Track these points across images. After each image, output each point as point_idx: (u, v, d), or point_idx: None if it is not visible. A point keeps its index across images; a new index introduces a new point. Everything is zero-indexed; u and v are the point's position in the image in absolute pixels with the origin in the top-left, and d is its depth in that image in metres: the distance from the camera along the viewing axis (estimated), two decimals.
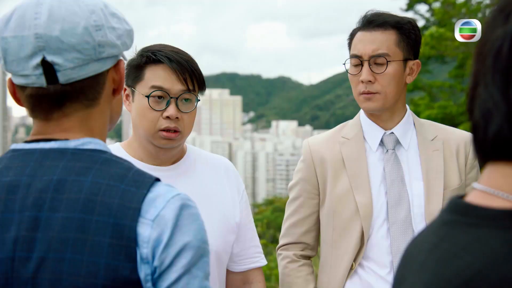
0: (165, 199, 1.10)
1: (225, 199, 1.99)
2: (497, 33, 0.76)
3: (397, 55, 2.06)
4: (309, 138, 2.28)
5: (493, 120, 0.75)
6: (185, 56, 1.88)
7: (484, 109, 0.76)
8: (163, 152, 1.91)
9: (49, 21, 1.11)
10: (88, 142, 1.16)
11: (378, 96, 2.06)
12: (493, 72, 0.75)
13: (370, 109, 2.09)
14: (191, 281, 1.10)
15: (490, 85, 0.75)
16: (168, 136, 1.84)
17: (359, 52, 2.06)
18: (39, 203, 1.09)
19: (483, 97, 0.76)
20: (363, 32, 2.08)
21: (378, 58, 2.04)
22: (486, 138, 0.77)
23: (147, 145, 1.90)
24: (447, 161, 2.09)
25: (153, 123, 1.84)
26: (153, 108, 1.84)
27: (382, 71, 2.04)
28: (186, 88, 1.85)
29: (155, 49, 1.88)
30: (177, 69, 1.84)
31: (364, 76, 2.05)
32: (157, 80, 1.84)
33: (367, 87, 2.05)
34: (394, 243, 2.04)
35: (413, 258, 0.84)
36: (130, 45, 1.22)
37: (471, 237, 0.75)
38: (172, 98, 1.84)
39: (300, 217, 2.21)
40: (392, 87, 2.06)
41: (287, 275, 2.20)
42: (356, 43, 2.09)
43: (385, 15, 2.09)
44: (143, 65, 1.86)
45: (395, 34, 2.05)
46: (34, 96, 1.14)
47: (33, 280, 1.07)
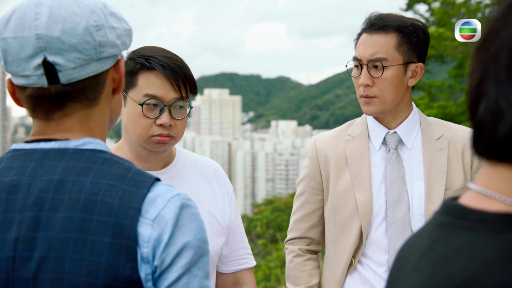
0: (165, 198, 1.11)
1: (215, 201, 1.99)
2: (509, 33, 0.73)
3: (396, 59, 2.05)
4: (317, 134, 2.31)
5: (505, 120, 0.72)
6: (178, 62, 1.86)
7: (494, 108, 0.73)
8: (155, 155, 1.90)
9: (49, 21, 1.11)
10: (88, 142, 1.16)
11: (376, 100, 2.07)
12: (509, 70, 0.72)
13: (369, 112, 2.10)
14: (191, 280, 1.10)
15: (505, 84, 0.72)
16: (161, 140, 1.84)
17: (359, 55, 2.08)
18: (40, 203, 1.09)
19: (494, 96, 0.73)
20: (365, 35, 2.08)
21: (376, 62, 2.05)
22: (495, 138, 0.74)
23: (138, 148, 1.89)
24: (451, 160, 2.09)
25: (146, 130, 1.84)
26: (147, 115, 1.83)
27: (379, 75, 2.05)
28: (179, 95, 1.84)
29: (147, 54, 1.85)
30: (170, 77, 1.82)
31: (362, 80, 2.06)
32: (151, 88, 1.82)
33: (365, 90, 2.07)
34: (391, 243, 2.05)
35: (406, 260, 0.83)
36: (130, 44, 1.23)
37: (465, 241, 0.74)
38: (165, 106, 1.83)
39: (305, 213, 2.25)
40: (390, 91, 2.06)
41: (292, 269, 2.25)
42: (358, 45, 2.10)
43: (388, 17, 2.08)
44: (136, 71, 1.84)
45: (395, 37, 2.04)
46: (35, 96, 1.14)
47: (34, 279, 1.07)
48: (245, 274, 2.11)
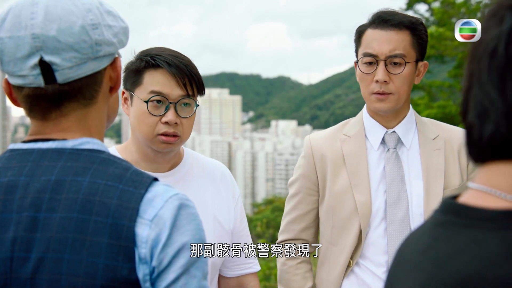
0: (163, 199, 1.10)
1: (220, 205, 1.98)
2: (492, 34, 0.76)
3: (412, 56, 2.05)
4: (311, 134, 2.27)
5: (490, 119, 0.74)
6: (184, 60, 1.86)
7: (480, 109, 0.76)
8: (161, 155, 1.89)
9: (45, 20, 1.10)
10: (86, 142, 1.16)
11: (392, 97, 2.05)
12: (489, 71, 0.75)
13: (382, 109, 2.07)
14: (190, 281, 1.10)
15: (486, 84, 0.75)
16: (167, 140, 1.83)
17: (374, 51, 2.04)
18: (37, 203, 1.09)
19: (479, 97, 0.76)
20: (377, 31, 2.05)
21: (395, 58, 2.02)
22: (482, 138, 0.76)
23: (145, 149, 1.89)
24: (448, 160, 2.09)
25: (152, 128, 1.83)
26: (152, 113, 1.82)
27: (399, 72, 2.03)
28: (185, 93, 1.84)
29: (153, 53, 1.86)
30: (176, 74, 1.82)
31: (380, 76, 2.02)
32: (156, 85, 1.82)
33: (382, 87, 2.04)
34: (390, 243, 2.04)
35: (406, 258, 0.84)
36: (126, 42, 1.22)
37: (467, 238, 0.75)
38: (171, 103, 1.82)
39: (299, 213, 2.21)
40: (405, 88, 2.05)
41: (285, 272, 2.21)
42: (369, 41, 2.06)
43: (400, 14, 2.07)
44: (142, 69, 1.84)
45: (409, 34, 2.04)
46: (32, 96, 1.13)
47: (32, 280, 1.07)
48: (249, 278, 2.09)
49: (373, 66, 2.05)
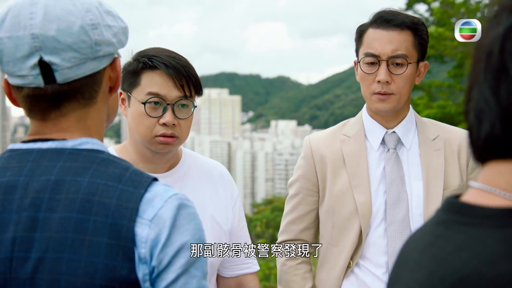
0: (162, 199, 1.10)
1: (219, 205, 1.98)
2: (490, 36, 0.78)
3: (413, 56, 2.05)
4: (310, 134, 2.27)
5: (486, 119, 0.76)
6: (181, 61, 1.85)
7: (477, 110, 0.77)
8: (159, 156, 1.89)
9: (44, 20, 1.10)
10: (86, 142, 1.16)
11: (393, 97, 2.04)
12: (485, 72, 0.77)
13: (383, 110, 2.07)
14: (189, 280, 1.10)
15: (482, 85, 0.76)
16: (165, 141, 1.83)
17: (376, 51, 2.03)
18: (37, 203, 1.09)
19: (477, 98, 0.77)
20: (378, 30, 2.04)
21: (397, 58, 2.02)
22: (480, 138, 0.77)
23: (143, 149, 1.89)
24: (448, 161, 2.08)
25: (150, 129, 1.83)
26: (150, 114, 1.82)
27: (401, 72, 2.02)
28: (183, 94, 1.83)
29: (151, 54, 1.85)
30: (173, 75, 1.82)
31: (382, 76, 2.02)
32: (154, 87, 1.82)
33: (384, 87, 2.03)
34: (390, 244, 2.03)
35: (408, 257, 0.85)
36: (125, 42, 1.22)
37: (467, 236, 0.76)
38: (168, 105, 1.82)
39: (299, 214, 2.21)
40: (407, 88, 2.05)
41: (285, 272, 2.20)
42: (371, 41, 2.05)
43: (402, 14, 2.07)
44: (139, 70, 1.84)
45: (411, 35, 2.04)
46: (31, 96, 1.13)
47: (31, 280, 1.07)
48: (249, 278, 2.08)
49: (374, 66, 2.04)
